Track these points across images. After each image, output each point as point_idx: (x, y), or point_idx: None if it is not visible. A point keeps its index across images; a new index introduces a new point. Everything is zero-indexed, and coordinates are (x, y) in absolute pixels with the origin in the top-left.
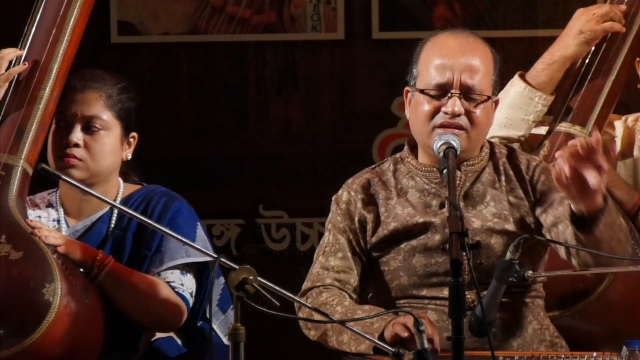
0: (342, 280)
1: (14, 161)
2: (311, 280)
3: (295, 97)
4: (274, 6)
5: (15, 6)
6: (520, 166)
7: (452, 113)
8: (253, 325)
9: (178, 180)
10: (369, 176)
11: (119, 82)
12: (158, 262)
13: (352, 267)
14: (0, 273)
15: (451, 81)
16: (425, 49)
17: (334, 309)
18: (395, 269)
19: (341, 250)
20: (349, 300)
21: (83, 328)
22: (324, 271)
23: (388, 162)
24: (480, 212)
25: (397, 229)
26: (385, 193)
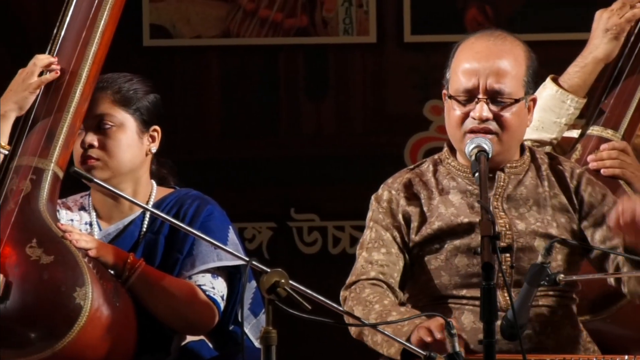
0: (386, 273)
1: (44, 165)
2: (355, 274)
3: (327, 101)
4: (306, 10)
5: (47, 8)
6: (564, 173)
7: (479, 118)
8: (285, 329)
9: (210, 184)
10: (409, 176)
11: (130, 78)
12: (190, 265)
13: (396, 262)
14: (32, 277)
15: (477, 86)
16: (457, 53)
17: (372, 307)
18: (437, 267)
19: (385, 245)
20: (389, 299)
21: (114, 331)
22: (367, 264)
23: (427, 163)
24: (524, 215)
25: (441, 228)
26: (427, 192)
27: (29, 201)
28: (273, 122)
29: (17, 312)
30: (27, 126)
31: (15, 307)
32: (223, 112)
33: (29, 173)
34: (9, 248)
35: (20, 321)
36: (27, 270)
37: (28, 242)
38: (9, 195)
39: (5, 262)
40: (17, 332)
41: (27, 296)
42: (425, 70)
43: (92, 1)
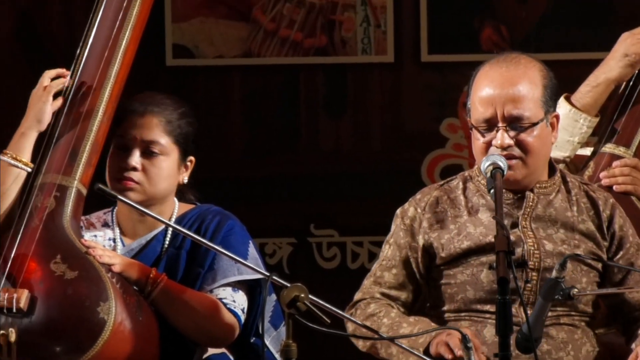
0: (392, 296)
1: (68, 182)
2: (362, 292)
3: (346, 119)
4: (325, 30)
5: (70, 28)
6: (598, 202)
7: (501, 147)
8: (304, 342)
9: (231, 200)
10: (437, 194)
11: (179, 107)
12: (211, 279)
13: (406, 284)
14: (56, 292)
15: (495, 115)
16: (474, 82)
17: (381, 321)
18: (463, 282)
19: (396, 267)
20: (395, 311)
21: (137, 345)
22: (375, 286)
23: (457, 180)
24: (551, 236)
25: (470, 248)
26: (454, 211)
27: (53, 218)
28: (293, 140)
29: (43, 327)
30: (51, 144)
31: (41, 322)
32: (244, 130)
33: (53, 190)
34: (34, 264)
35: (46, 335)
36: (52, 285)
37: (52, 258)
38: (33, 212)
39: (30, 278)
40: (42, 346)
41: (52, 311)
42: (442, 88)
43: (114, 21)
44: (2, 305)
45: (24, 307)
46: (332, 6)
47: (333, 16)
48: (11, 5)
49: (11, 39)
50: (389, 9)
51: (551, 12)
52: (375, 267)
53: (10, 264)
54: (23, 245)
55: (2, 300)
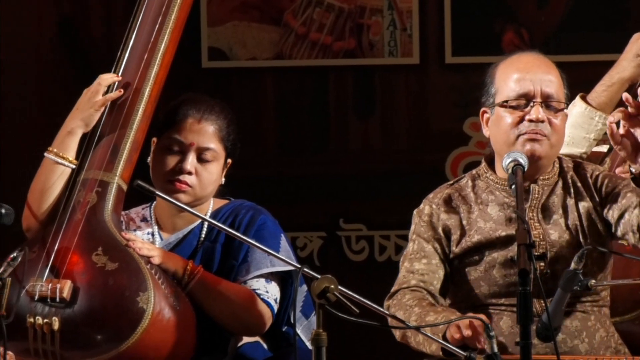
0: (426, 281)
1: (109, 178)
2: (398, 284)
3: (373, 119)
4: (353, 33)
5: (111, 32)
6: (586, 174)
7: (537, 119)
8: (334, 331)
9: (265, 197)
10: (449, 191)
11: (228, 114)
12: (245, 271)
13: (436, 270)
14: (98, 283)
15: (532, 91)
16: (501, 68)
17: (412, 310)
18: (476, 278)
19: (426, 256)
20: (427, 301)
21: (175, 333)
22: (409, 274)
23: (466, 178)
24: (555, 224)
25: (480, 242)
26: (466, 207)
27: (95, 212)
28: (323, 139)
29: (84, 316)
30: (93, 142)
31: (83, 311)
32: (276, 130)
33: (95, 186)
34: (77, 256)
35: (87, 324)
36: (94, 276)
37: (94, 250)
38: (76, 207)
39: (73, 269)
40: (84, 334)
41: (94, 301)
42: (465, 89)
43: (154, 25)
44: (46, 295)
45: (67, 297)
46: (360, 11)
47: (361, 20)
48: (54, 11)
49: (55, 44)
50: (414, 14)
51: (570, 16)
52: (403, 262)
53: (54, 256)
54: (66, 238)
55: (46, 290)
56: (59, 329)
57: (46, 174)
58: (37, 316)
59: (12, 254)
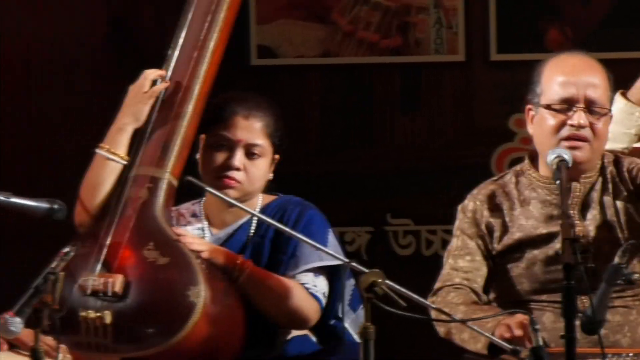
0: (470, 279)
1: (160, 174)
2: (441, 281)
3: (419, 115)
4: (400, 31)
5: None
6: (623, 169)
7: (579, 125)
8: (382, 324)
9: (313, 193)
10: (492, 187)
11: (275, 110)
12: (293, 265)
13: (479, 268)
14: (149, 277)
15: (575, 96)
16: (548, 68)
17: (457, 307)
18: (518, 275)
19: (470, 253)
20: (472, 300)
21: (225, 327)
22: (453, 271)
23: (509, 175)
24: (594, 220)
25: (521, 239)
26: (509, 204)
27: (146, 208)
28: (370, 136)
29: (136, 310)
30: (144, 138)
31: (134, 305)
32: (324, 126)
33: (146, 182)
34: (128, 251)
35: (139, 318)
36: (145, 270)
37: (145, 245)
38: (127, 202)
39: (124, 264)
40: (135, 327)
41: (145, 295)
42: (510, 86)
43: (203, 24)
44: (98, 290)
45: (119, 291)
46: (407, 9)
47: (407, 18)
48: (105, 11)
49: (105, 43)
50: (460, 11)
51: (613, 13)
52: (447, 258)
53: (106, 251)
54: (118, 233)
55: (98, 284)
56: (111, 322)
57: (98, 170)
58: (90, 310)
59: (64, 249)
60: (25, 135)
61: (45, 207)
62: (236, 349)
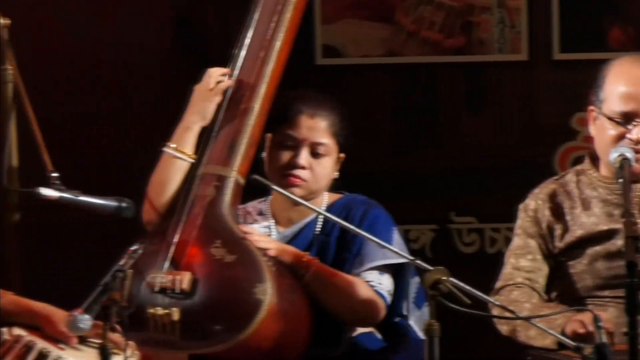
0: (532, 279)
1: (227, 173)
2: (503, 280)
3: (483, 114)
4: (463, 30)
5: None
6: None
7: (637, 141)
8: (446, 321)
9: (378, 191)
10: (554, 187)
11: (340, 109)
12: (358, 263)
13: (541, 267)
14: (216, 274)
15: (636, 110)
16: (611, 75)
17: (522, 305)
18: (580, 272)
19: (531, 252)
20: (536, 298)
21: (291, 324)
22: (514, 271)
23: (570, 174)
24: None
25: (582, 236)
26: (570, 202)
27: (213, 206)
28: (434, 135)
29: (203, 307)
30: (211, 137)
31: (202, 302)
32: (389, 126)
33: (213, 180)
34: (196, 248)
35: (206, 315)
36: (212, 268)
37: (213, 243)
38: (195, 201)
39: (192, 261)
40: (202, 325)
41: (212, 292)
42: (573, 85)
43: (269, 24)
44: (166, 287)
45: (187, 288)
46: (470, 9)
47: (471, 18)
48: (172, 12)
49: (172, 43)
50: (523, 11)
51: None
52: (509, 257)
53: (174, 248)
54: (185, 231)
55: (166, 282)
56: (179, 319)
57: (165, 168)
58: (158, 307)
59: (132, 247)
60: (94, 134)
61: (114, 205)
62: (302, 346)
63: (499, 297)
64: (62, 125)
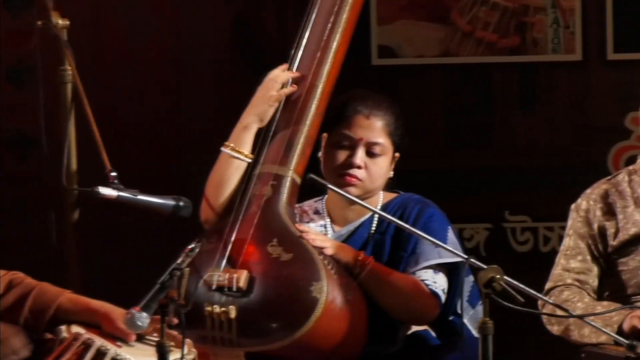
0: (582, 280)
1: (284, 172)
2: (553, 281)
3: (537, 114)
4: (518, 31)
5: (285, 31)
6: None
7: None
8: (500, 320)
9: (433, 190)
10: (606, 187)
11: (396, 109)
12: (413, 262)
13: (591, 269)
14: (273, 273)
15: None
16: None
17: (575, 305)
18: (634, 268)
19: (581, 253)
20: (588, 297)
21: (347, 322)
22: (565, 272)
23: (622, 174)
24: None
25: (636, 234)
26: (622, 202)
27: (270, 205)
28: (488, 134)
29: (260, 305)
30: (268, 137)
31: (258, 300)
32: (444, 125)
33: (270, 179)
34: (253, 247)
35: (263, 313)
36: (269, 266)
37: (269, 242)
38: (252, 199)
39: (249, 260)
40: (259, 322)
41: (269, 290)
42: (626, 84)
43: (326, 24)
44: (223, 285)
45: (243, 286)
46: (524, 9)
47: (525, 18)
48: (229, 11)
49: (230, 43)
50: (577, 12)
51: None
52: (559, 258)
53: (231, 247)
54: (242, 229)
55: (223, 280)
56: (236, 317)
57: (223, 167)
58: (215, 305)
59: (190, 245)
60: (151, 133)
61: (171, 204)
62: (358, 344)
63: (550, 298)
64: (121, 124)
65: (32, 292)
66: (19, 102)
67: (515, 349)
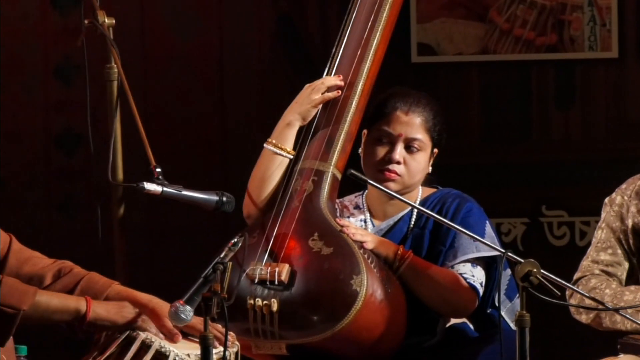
0: (610, 272)
1: (324, 167)
2: (581, 271)
3: (574, 110)
4: (555, 29)
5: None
6: None
7: None
8: (537, 312)
9: (471, 185)
10: None
11: (434, 106)
12: (452, 256)
13: (621, 262)
14: (314, 266)
15: None
16: None
17: (603, 292)
18: None
19: (611, 247)
20: (615, 284)
21: (387, 315)
22: (593, 264)
23: None
24: None
25: None
26: None
27: (311, 200)
28: (526, 130)
29: (302, 298)
30: (309, 133)
31: (300, 293)
32: (482, 121)
33: (311, 175)
34: (294, 241)
35: (304, 305)
36: (310, 260)
37: (310, 236)
38: (293, 195)
39: (290, 254)
40: (301, 315)
41: (310, 283)
42: None
43: (367, 23)
44: (265, 279)
45: (285, 280)
46: (562, 7)
47: (562, 16)
48: (273, 10)
49: (274, 41)
50: (613, 10)
51: None
52: (590, 250)
53: (273, 241)
54: (284, 224)
55: (265, 273)
56: (278, 310)
57: (265, 163)
58: (257, 298)
59: (233, 240)
60: (195, 129)
61: (215, 200)
62: (398, 336)
63: (578, 287)
64: (165, 121)
65: (81, 282)
66: (66, 99)
67: (551, 342)
